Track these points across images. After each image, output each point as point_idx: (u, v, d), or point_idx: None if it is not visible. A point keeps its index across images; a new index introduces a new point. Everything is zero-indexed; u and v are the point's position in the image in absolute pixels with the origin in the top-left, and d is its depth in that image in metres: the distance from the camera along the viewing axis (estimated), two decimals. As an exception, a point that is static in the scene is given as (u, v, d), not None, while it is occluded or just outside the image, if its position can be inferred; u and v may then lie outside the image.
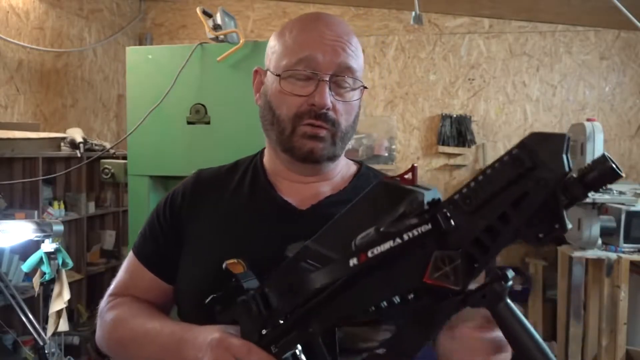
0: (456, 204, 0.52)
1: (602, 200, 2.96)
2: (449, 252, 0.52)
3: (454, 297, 0.54)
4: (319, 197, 0.95)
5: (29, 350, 2.96)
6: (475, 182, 0.52)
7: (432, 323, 0.59)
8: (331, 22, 0.92)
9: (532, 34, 4.32)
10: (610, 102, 4.25)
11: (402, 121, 4.50)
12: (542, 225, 0.50)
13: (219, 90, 2.19)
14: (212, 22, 2.25)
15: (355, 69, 0.90)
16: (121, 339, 0.93)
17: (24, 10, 3.50)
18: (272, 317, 0.67)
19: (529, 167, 0.49)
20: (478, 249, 0.52)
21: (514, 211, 0.50)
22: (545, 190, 0.48)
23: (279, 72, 0.90)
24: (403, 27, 4.47)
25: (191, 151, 2.21)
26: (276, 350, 0.67)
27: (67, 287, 2.13)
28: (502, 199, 0.50)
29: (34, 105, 3.61)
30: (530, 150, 0.49)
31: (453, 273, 0.52)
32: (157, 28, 4.84)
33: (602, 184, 0.49)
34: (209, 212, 0.97)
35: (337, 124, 0.90)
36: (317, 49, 0.88)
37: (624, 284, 2.98)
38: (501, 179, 0.50)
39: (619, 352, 3.00)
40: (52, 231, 1.95)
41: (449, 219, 0.53)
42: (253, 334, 0.69)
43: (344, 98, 0.90)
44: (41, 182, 3.22)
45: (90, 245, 3.88)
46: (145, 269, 0.99)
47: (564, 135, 0.48)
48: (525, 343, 0.54)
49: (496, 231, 0.51)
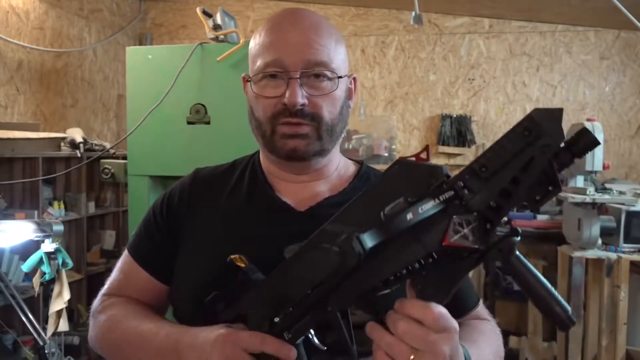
0: (473, 172, 0.59)
1: (602, 200, 2.96)
2: (467, 215, 0.59)
3: (471, 255, 0.60)
4: (318, 198, 0.94)
5: (29, 350, 2.96)
6: (490, 152, 0.59)
7: (450, 282, 0.63)
8: (296, 19, 0.90)
9: (532, 34, 4.32)
10: (610, 102, 4.25)
11: (402, 121, 4.50)
12: (538, 188, 0.58)
13: (219, 90, 2.19)
14: (212, 22, 2.25)
15: (327, 61, 0.88)
16: (115, 341, 0.91)
17: (24, 10, 3.50)
18: (285, 304, 0.68)
19: (535, 135, 0.57)
20: (493, 210, 0.59)
21: (523, 174, 0.57)
22: (548, 156, 0.57)
23: (252, 75, 0.91)
24: (403, 27, 4.47)
25: (191, 151, 2.21)
26: (290, 337, 0.68)
27: (67, 287, 2.13)
28: (513, 164, 0.58)
29: (34, 105, 3.61)
30: (535, 122, 0.57)
31: (471, 234, 0.59)
32: (157, 28, 4.84)
33: (585, 151, 0.58)
34: (206, 212, 0.96)
35: (319, 118, 0.88)
36: (281, 51, 0.87)
37: (624, 284, 2.98)
38: (513, 148, 0.58)
39: (619, 352, 3.00)
40: (52, 231, 1.95)
41: (467, 186, 0.59)
42: (264, 323, 0.69)
43: (321, 91, 0.88)
44: (41, 182, 3.22)
45: (90, 245, 3.88)
46: (140, 269, 0.98)
47: (561, 110, 0.58)
48: (539, 290, 0.62)
49: (508, 193, 0.59)
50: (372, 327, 0.65)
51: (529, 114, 0.58)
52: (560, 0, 3.80)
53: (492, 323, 0.97)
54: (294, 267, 0.68)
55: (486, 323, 0.95)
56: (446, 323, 0.63)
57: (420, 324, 0.62)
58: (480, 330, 0.91)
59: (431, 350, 0.61)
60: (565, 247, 3.24)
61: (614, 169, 4.08)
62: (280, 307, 0.68)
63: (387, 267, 0.62)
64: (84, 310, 3.70)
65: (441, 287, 0.63)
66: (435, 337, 0.61)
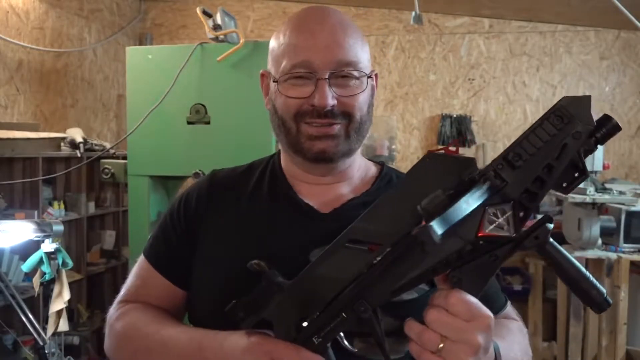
0: (507, 161, 0.60)
1: (602, 200, 2.96)
2: (502, 205, 0.60)
3: (508, 243, 0.61)
4: (342, 200, 0.92)
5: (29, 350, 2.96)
6: (523, 140, 0.60)
7: (486, 273, 0.63)
8: (322, 18, 0.88)
9: (532, 34, 4.32)
10: (610, 102, 4.25)
11: (402, 121, 4.50)
12: (564, 175, 0.60)
13: (219, 90, 2.20)
14: (212, 22, 2.25)
15: (356, 60, 0.87)
16: (135, 349, 0.88)
17: (24, 10, 3.50)
18: (313, 307, 0.66)
19: (567, 122, 0.59)
20: (528, 198, 0.60)
21: (556, 161, 0.59)
22: (580, 142, 0.59)
23: (278, 76, 0.88)
24: (403, 27, 4.47)
25: (191, 151, 2.21)
26: (319, 341, 0.66)
27: (67, 287, 2.13)
28: (547, 152, 0.59)
29: (34, 105, 3.61)
30: (567, 110, 0.59)
31: (507, 223, 0.60)
32: (157, 28, 4.84)
33: (608, 137, 0.60)
34: (226, 215, 0.93)
35: (349, 115, 0.87)
36: (311, 52, 0.85)
37: (624, 284, 2.98)
38: (545, 136, 0.59)
39: (619, 352, 3.00)
40: (52, 231, 1.95)
41: (501, 176, 0.60)
42: (291, 329, 0.67)
43: (350, 91, 0.87)
44: (41, 182, 3.22)
45: (90, 245, 3.88)
46: (157, 274, 0.95)
47: (589, 97, 0.60)
48: (574, 275, 0.64)
49: (542, 180, 0.60)
50: (408, 322, 0.64)
51: (559, 102, 0.60)
52: (560, 0, 3.80)
53: (520, 323, 0.96)
54: (322, 268, 0.66)
55: (514, 322, 0.94)
56: (477, 311, 0.61)
57: (448, 311, 0.61)
58: (508, 328, 0.90)
59: (461, 338, 0.60)
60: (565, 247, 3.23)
61: (614, 169, 4.08)
62: (309, 311, 0.66)
63: (425, 261, 0.61)
64: (84, 310, 3.70)
65: (477, 278, 0.63)
66: (463, 325, 0.60)
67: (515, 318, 0.97)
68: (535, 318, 3.47)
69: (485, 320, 0.62)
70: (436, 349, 0.61)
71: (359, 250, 0.63)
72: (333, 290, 0.65)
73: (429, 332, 0.61)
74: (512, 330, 0.90)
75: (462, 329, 0.60)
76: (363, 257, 0.63)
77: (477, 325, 0.61)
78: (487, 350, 0.63)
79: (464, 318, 0.61)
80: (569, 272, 0.64)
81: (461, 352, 0.61)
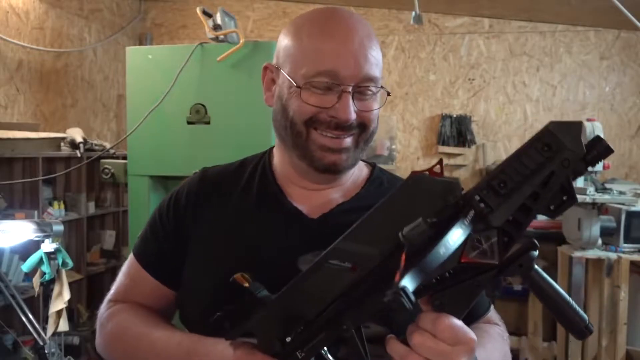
0: (491, 188, 0.59)
1: (602, 200, 2.96)
2: (486, 231, 0.59)
3: (490, 271, 0.60)
4: (331, 204, 0.90)
5: (29, 350, 2.95)
6: (508, 168, 0.58)
7: (468, 297, 0.63)
8: (352, 26, 0.85)
9: (532, 34, 4.32)
10: (610, 102, 4.25)
11: (402, 121, 4.50)
12: (553, 198, 0.59)
13: (219, 90, 2.20)
14: (212, 22, 2.25)
15: (379, 77, 0.86)
16: (125, 351, 0.89)
17: (24, 10, 3.50)
18: (297, 322, 0.66)
19: (555, 150, 0.57)
20: (513, 226, 0.59)
21: (543, 190, 0.58)
22: (568, 170, 0.57)
23: (298, 80, 0.84)
24: (403, 27, 4.47)
25: (191, 151, 2.21)
26: (303, 355, 0.66)
27: (67, 287, 2.13)
28: (533, 180, 0.57)
29: (34, 105, 3.61)
30: (556, 137, 0.57)
31: (490, 250, 0.59)
32: (157, 28, 4.83)
33: (599, 160, 0.58)
34: (215, 215, 0.92)
35: (365, 127, 0.86)
36: (339, 62, 0.82)
37: (624, 284, 2.98)
38: (532, 163, 0.57)
39: (619, 352, 3.00)
40: (52, 231, 1.95)
41: (486, 202, 0.59)
42: (274, 344, 0.67)
43: (367, 107, 0.85)
44: (41, 182, 3.21)
45: (90, 245, 3.88)
46: (146, 274, 0.94)
47: (580, 123, 0.57)
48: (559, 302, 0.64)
49: (528, 208, 0.58)
50: (389, 340, 0.64)
51: (546, 127, 0.57)
52: (560, 0, 3.80)
53: (502, 328, 0.96)
54: (306, 285, 0.66)
55: (495, 327, 0.94)
56: (462, 336, 0.61)
57: (434, 336, 0.61)
58: (490, 334, 0.90)
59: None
60: (565, 247, 3.24)
61: (614, 169, 4.08)
62: (292, 326, 0.66)
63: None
64: (84, 310, 3.70)
65: (460, 302, 0.62)
66: (448, 350, 0.60)
67: (497, 323, 0.96)
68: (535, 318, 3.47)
69: (470, 345, 0.62)
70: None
71: (342, 269, 0.63)
72: (316, 308, 0.65)
73: (412, 355, 0.61)
74: (492, 336, 0.90)
75: (446, 354, 0.60)
76: (346, 277, 0.63)
77: (461, 349, 0.61)
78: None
79: (449, 343, 0.60)
80: (552, 299, 0.64)
81: None
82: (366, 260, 0.62)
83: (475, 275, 0.61)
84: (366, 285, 0.62)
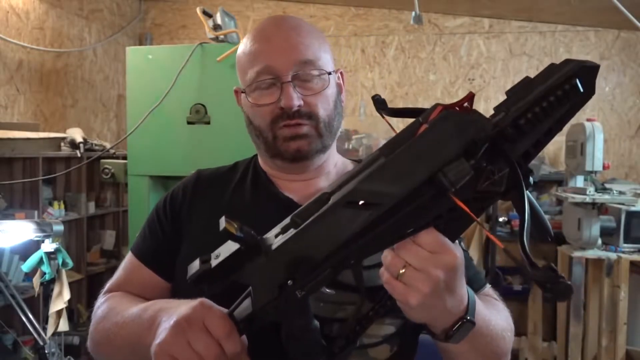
0: (518, 127, 0.62)
1: (602, 200, 2.96)
2: (499, 163, 0.62)
3: (494, 198, 0.63)
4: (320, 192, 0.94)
5: (29, 350, 2.96)
6: (534, 106, 0.62)
7: (463, 225, 0.66)
8: (277, 24, 0.94)
9: (532, 34, 4.32)
10: (610, 102, 4.25)
11: (402, 121, 4.49)
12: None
13: (219, 90, 2.20)
14: (212, 22, 2.25)
15: (314, 59, 0.91)
16: (107, 330, 0.88)
17: (24, 10, 3.50)
18: (302, 266, 0.64)
19: (575, 94, 0.61)
20: (524, 158, 0.63)
21: (557, 126, 0.62)
22: (579, 108, 0.62)
23: (244, 87, 0.94)
24: (403, 27, 4.47)
25: (191, 151, 2.21)
26: (302, 294, 0.65)
27: (67, 287, 2.13)
28: (553, 118, 0.61)
29: (34, 105, 3.61)
30: (577, 81, 0.61)
31: (500, 180, 0.61)
32: (157, 28, 4.84)
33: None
34: (210, 210, 0.97)
35: (316, 116, 0.91)
36: (269, 57, 0.90)
37: (624, 284, 2.98)
38: (557, 103, 0.61)
39: (619, 352, 3.00)
40: (52, 231, 1.96)
41: (512, 140, 0.62)
42: (274, 289, 0.65)
43: (312, 90, 0.91)
44: (41, 182, 3.22)
45: (90, 245, 3.88)
46: (142, 265, 0.98)
47: (598, 67, 0.61)
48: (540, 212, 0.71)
49: (541, 142, 0.63)
50: (386, 250, 0.66)
51: (569, 68, 0.61)
52: (560, 0, 3.80)
53: (502, 304, 0.96)
54: (317, 228, 0.64)
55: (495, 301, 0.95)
56: (443, 246, 0.62)
57: (416, 242, 0.63)
58: (490, 302, 0.91)
59: (422, 267, 0.62)
60: (565, 247, 3.24)
61: (614, 169, 4.08)
62: (296, 272, 0.65)
63: (420, 215, 0.62)
64: (84, 310, 3.70)
65: (453, 229, 0.65)
66: (426, 255, 0.62)
67: (496, 298, 0.97)
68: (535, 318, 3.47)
69: (450, 256, 0.63)
70: (397, 274, 0.63)
71: (358, 210, 0.62)
72: (327, 249, 0.63)
73: (394, 257, 0.63)
74: (494, 303, 0.92)
75: (424, 258, 0.62)
76: (364, 216, 0.62)
77: (440, 258, 0.62)
78: (451, 289, 0.65)
79: (429, 249, 0.62)
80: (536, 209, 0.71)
81: (419, 281, 0.62)
82: (389, 198, 0.61)
83: (481, 203, 0.63)
84: (387, 223, 0.62)
